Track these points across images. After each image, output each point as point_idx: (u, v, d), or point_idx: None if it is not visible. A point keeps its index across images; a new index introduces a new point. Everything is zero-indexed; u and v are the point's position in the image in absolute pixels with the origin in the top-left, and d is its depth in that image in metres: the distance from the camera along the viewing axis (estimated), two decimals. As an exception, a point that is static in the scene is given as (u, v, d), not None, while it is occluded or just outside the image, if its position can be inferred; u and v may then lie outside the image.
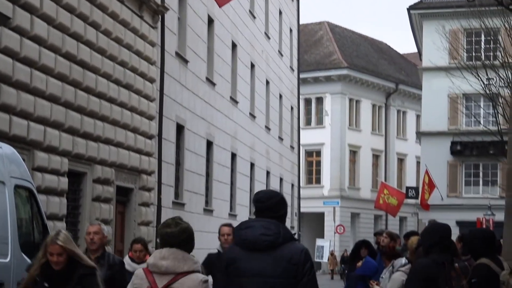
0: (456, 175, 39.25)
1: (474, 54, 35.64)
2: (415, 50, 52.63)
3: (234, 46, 30.88)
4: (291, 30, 42.70)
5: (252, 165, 33.56)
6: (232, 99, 30.43)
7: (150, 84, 21.22)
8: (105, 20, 18.38)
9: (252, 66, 33.92)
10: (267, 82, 36.72)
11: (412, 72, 61.36)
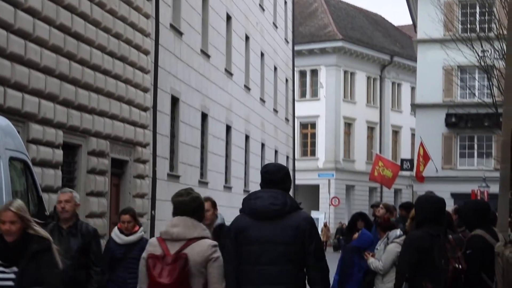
0: (451, 147, 39.27)
1: (469, 26, 35.56)
2: (410, 22, 52.64)
3: (228, 18, 30.75)
4: (285, 2, 42.53)
5: (247, 137, 33.54)
6: (226, 71, 30.36)
7: (144, 56, 21.16)
8: (99, -8, 18.31)
9: (247, 38, 33.81)
10: (262, 54, 36.62)
11: (407, 44, 61.26)
